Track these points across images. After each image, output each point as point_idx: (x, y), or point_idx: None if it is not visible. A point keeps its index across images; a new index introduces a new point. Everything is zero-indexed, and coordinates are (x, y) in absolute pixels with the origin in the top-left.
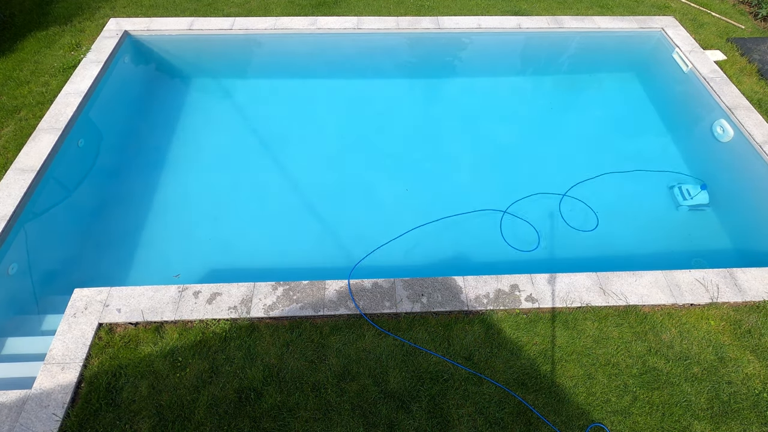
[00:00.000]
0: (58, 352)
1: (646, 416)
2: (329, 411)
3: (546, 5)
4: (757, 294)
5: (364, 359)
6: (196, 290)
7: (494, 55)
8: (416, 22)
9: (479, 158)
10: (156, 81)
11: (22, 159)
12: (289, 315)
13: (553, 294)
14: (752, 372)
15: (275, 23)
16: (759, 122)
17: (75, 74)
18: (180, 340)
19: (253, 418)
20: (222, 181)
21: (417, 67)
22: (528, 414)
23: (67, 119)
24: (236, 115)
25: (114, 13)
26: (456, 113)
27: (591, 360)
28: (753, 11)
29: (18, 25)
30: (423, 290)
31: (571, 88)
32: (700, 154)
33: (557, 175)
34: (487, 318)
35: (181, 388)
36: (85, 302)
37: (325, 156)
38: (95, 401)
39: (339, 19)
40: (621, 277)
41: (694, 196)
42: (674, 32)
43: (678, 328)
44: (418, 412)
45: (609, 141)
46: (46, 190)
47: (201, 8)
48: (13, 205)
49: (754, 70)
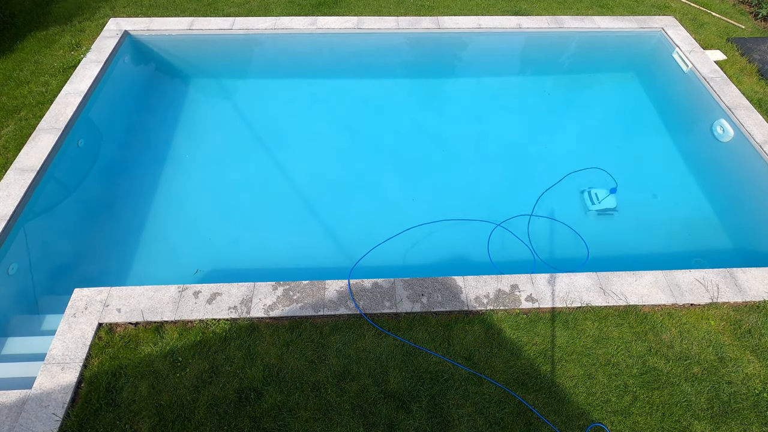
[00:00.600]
0: (58, 352)
1: (646, 416)
2: (329, 411)
3: (546, 5)
4: (757, 294)
5: (364, 359)
6: (196, 290)
7: (494, 55)
8: (416, 22)
9: (479, 158)
10: (156, 81)
11: (22, 159)
12: (289, 315)
13: (553, 294)
14: (752, 372)
15: (275, 23)
16: (759, 122)
17: (75, 74)
18: (180, 340)
19: (253, 418)
20: (222, 181)
21: (417, 67)
22: (528, 414)
23: (67, 119)
24: (236, 115)
25: (114, 13)
26: (456, 113)
27: (591, 360)
28: (753, 11)
29: (18, 25)
30: (423, 290)
31: (571, 88)
32: (700, 154)
33: (556, 176)
34: (487, 318)
35: (181, 388)
36: (85, 302)
37: (325, 156)
38: (95, 401)
39: (339, 19)
40: (621, 277)
41: (601, 200)
42: (674, 32)
43: (678, 328)
44: (418, 412)
45: (609, 141)
46: (46, 190)
47: (201, 8)
48: (13, 205)
49: (754, 70)
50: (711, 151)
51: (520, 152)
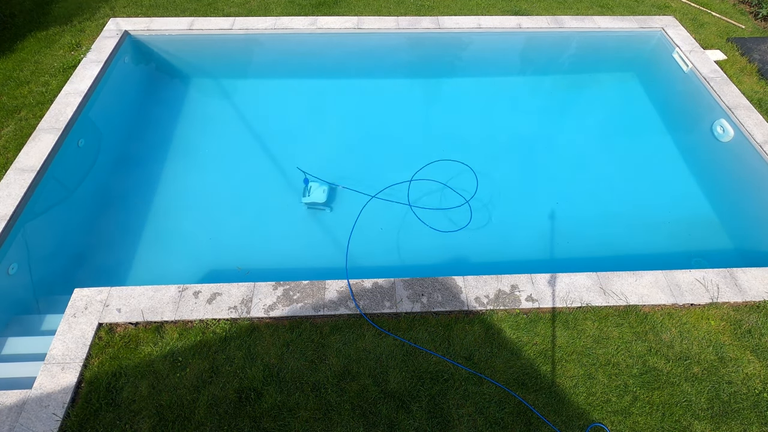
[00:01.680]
0: (58, 352)
1: (646, 416)
2: (329, 411)
3: (546, 5)
4: (757, 294)
5: (364, 359)
6: (196, 290)
7: (494, 55)
8: (416, 21)
9: (479, 158)
10: (156, 81)
11: (23, 159)
12: (289, 315)
13: (553, 294)
14: (752, 372)
15: (275, 23)
16: (759, 122)
17: (75, 74)
18: (180, 340)
19: (253, 418)
20: (222, 181)
21: (417, 67)
22: (528, 414)
23: (67, 119)
24: (236, 115)
25: (114, 13)
26: (456, 113)
27: (591, 360)
28: (753, 11)
29: (18, 25)
30: (423, 290)
31: (571, 87)
32: (700, 154)
33: (556, 175)
34: (487, 318)
35: (181, 388)
36: (85, 302)
37: (325, 155)
38: (95, 401)
39: (339, 19)
40: (621, 277)
41: (311, 194)
42: (674, 32)
43: (678, 328)
44: (418, 412)
45: (609, 141)
46: (46, 189)
47: (201, 8)
48: (14, 205)
49: (755, 70)
50: (711, 151)
51: (520, 153)
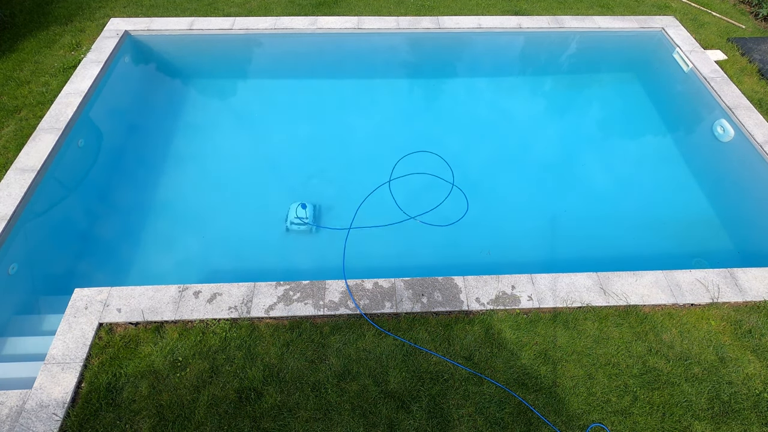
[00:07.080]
0: (58, 352)
1: (646, 416)
2: (329, 411)
3: (546, 5)
4: (757, 294)
5: (364, 359)
6: (196, 290)
7: (494, 55)
8: (416, 21)
9: (479, 158)
10: (156, 81)
11: (23, 159)
12: (289, 315)
13: (553, 294)
14: (753, 372)
15: (275, 23)
16: (759, 122)
17: (75, 74)
18: (180, 340)
19: (253, 418)
20: (223, 181)
21: (417, 67)
22: (528, 414)
23: (67, 119)
24: (237, 115)
25: (114, 13)
26: (455, 113)
27: (591, 360)
28: (753, 11)
29: (18, 25)
30: (423, 290)
31: (572, 87)
32: (701, 153)
33: (556, 174)
34: (487, 318)
35: (182, 388)
36: (86, 302)
37: (325, 155)
38: (95, 401)
39: (339, 19)
40: (621, 277)
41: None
42: (675, 32)
43: (678, 329)
44: (418, 412)
45: (609, 141)
46: (47, 190)
47: (201, 8)
48: (14, 205)
49: (755, 70)
50: (711, 151)
51: (520, 153)
